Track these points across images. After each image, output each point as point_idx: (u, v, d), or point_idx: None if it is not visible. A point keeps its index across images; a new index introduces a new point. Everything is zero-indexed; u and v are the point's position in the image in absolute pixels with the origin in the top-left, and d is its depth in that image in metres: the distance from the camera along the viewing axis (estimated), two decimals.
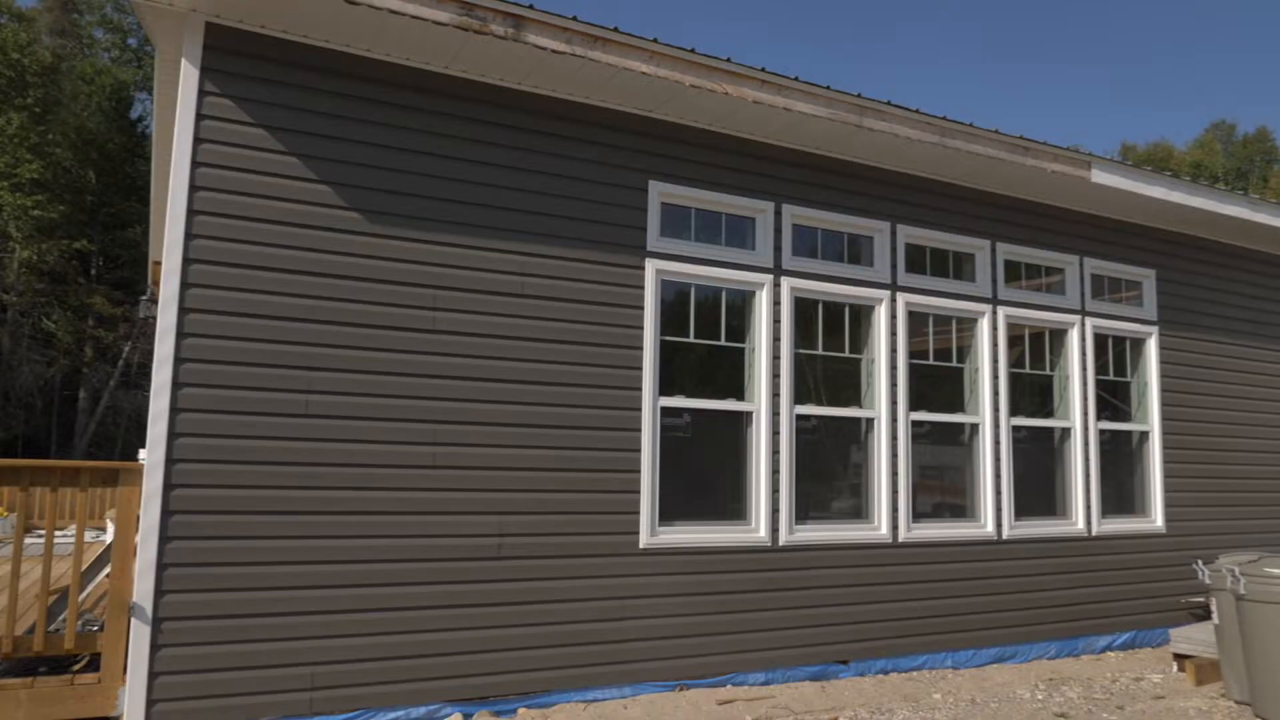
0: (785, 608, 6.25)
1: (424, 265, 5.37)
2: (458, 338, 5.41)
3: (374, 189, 5.28)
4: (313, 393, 5.03)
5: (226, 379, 4.84)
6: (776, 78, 5.90)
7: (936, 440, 7.24)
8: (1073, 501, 7.76)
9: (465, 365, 5.42)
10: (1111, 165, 7.49)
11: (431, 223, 5.41)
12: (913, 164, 7.03)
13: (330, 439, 5.04)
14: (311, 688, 4.86)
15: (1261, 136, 56.29)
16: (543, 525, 5.54)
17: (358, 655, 4.99)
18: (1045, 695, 6.08)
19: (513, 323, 5.58)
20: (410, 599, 5.15)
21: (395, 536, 5.15)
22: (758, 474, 6.32)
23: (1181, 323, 8.59)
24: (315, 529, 4.97)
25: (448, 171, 5.49)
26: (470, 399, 5.41)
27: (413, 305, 5.32)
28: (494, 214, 5.59)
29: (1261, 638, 5.49)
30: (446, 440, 5.32)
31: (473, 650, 5.27)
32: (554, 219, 5.77)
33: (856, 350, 6.94)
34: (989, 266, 7.51)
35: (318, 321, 5.08)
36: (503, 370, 5.52)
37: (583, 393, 5.73)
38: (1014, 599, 7.24)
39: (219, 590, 4.73)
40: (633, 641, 5.71)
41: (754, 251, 6.51)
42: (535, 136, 5.76)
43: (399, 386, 5.24)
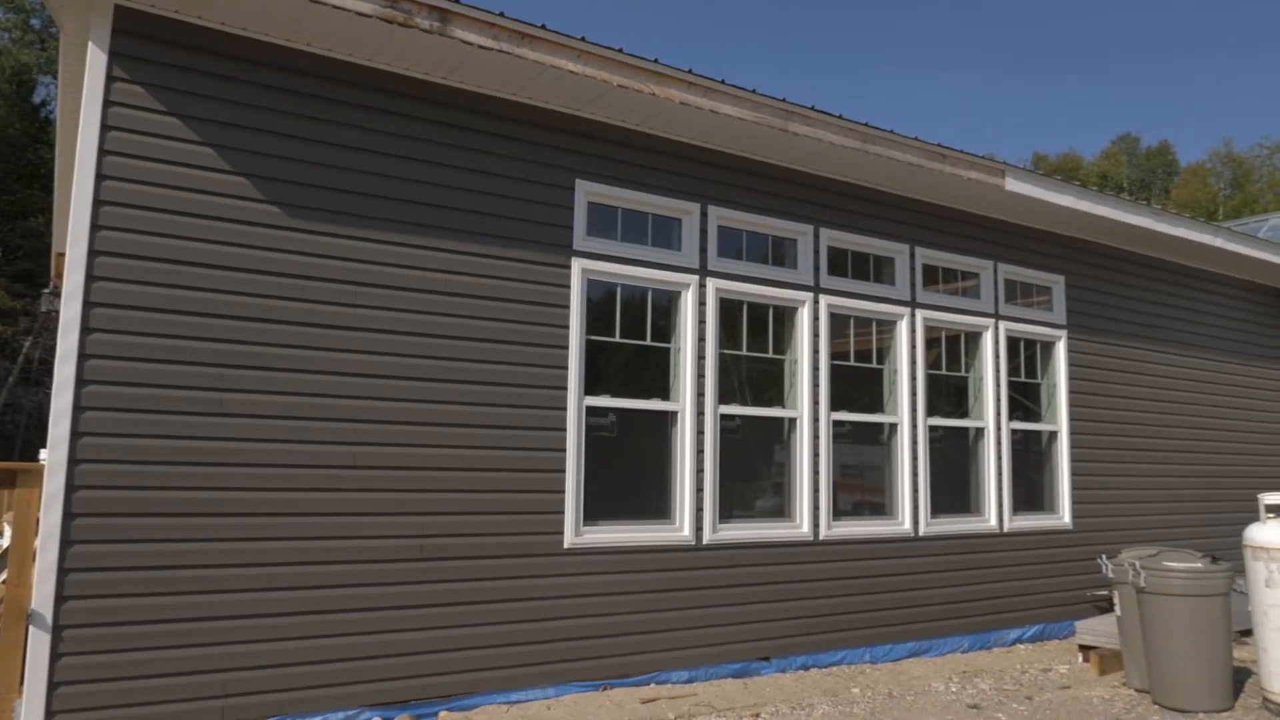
0: (709, 606, 6.30)
1: (346, 261, 5.25)
2: (381, 335, 5.31)
3: (294, 182, 5.15)
4: (228, 391, 4.87)
5: (134, 376, 4.66)
6: (703, 80, 5.95)
7: (857, 440, 7.40)
8: (986, 499, 8.01)
9: (388, 363, 5.32)
10: (1024, 174, 7.75)
11: (354, 218, 5.30)
12: (836, 169, 7.16)
13: (246, 438, 4.90)
14: (224, 695, 4.72)
15: (1163, 150, 58.97)
16: (466, 526, 5.48)
17: (274, 660, 4.86)
18: (959, 687, 6.26)
19: (437, 321, 5.50)
20: (330, 602, 5.04)
21: (314, 539, 5.03)
22: (682, 473, 6.36)
23: (1088, 327, 8.95)
24: (229, 531, 4.82)
25: (371, 166, 5.39)
26: (393, 398, 5.32)
27: (334, 302, 5.20)
28: (419, 210, 5.51)
29: (1159, 628, 5.75)
30: (368, 440, 5.22)
31: (394, 653, 5.18)
32: (480, 216, 5.71)
33: (780, 351, 7.04)
34: (908, 270, 7.70)
35: (233, 318, 4.93)
36: (427, 369, 5.44)
37: (508, 392, 5.69)
38: (930, 594, 7.43)
39: (125, 596, 4.55)
40: (557, 642, 5.69)
41: (680, 252, 6.55)
42: (461, 133, 5.69)
43: (319, 385, 5.12)
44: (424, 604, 5.30)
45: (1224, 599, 5.73)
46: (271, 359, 5.00)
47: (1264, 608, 5.59)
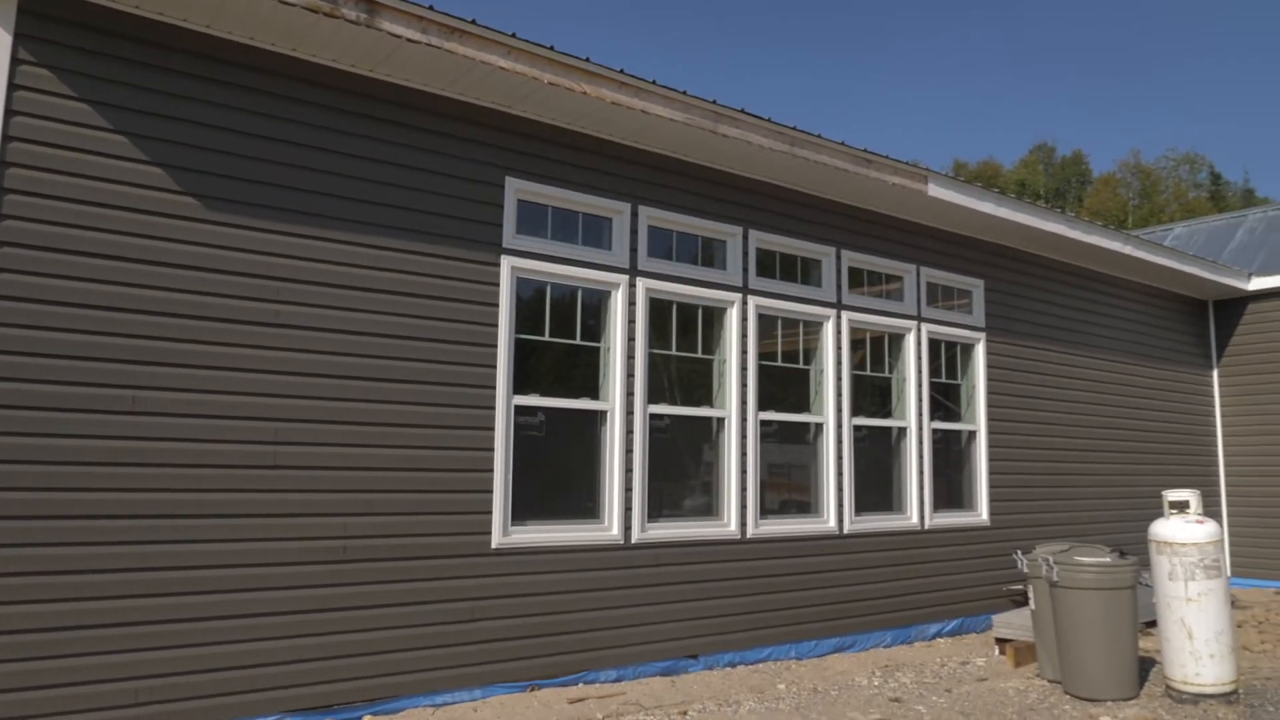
0: (637, 605, 6.32)
1: (267, 256, 5.12)
2: (302, 332, 5.19)
3: (213, 174, 4.99)
4: (140, 388, 4.70)
5: (38, 372, 4.46)
6: (634, 79, 5.96)
7: (784, 439, 7.50)
8: (908, 497, 8.20)
9: (310, 361, 5.20)
10: (946, 180, 7.96)
11: (276, 211, 5.17)
12: (765, 171, 7.25)
13: (161, 438, 4.73)
14: (136, 704, 4.55)
15: (1077, 159, 61.18)
16: (391, 527, 5.39)
17: (191, 667, 4.70)
18: (881, 681, 6.39)
19: (362, 318, 5.40)
20: (249, 605, 4.90)
21: (232, 540, 4.89)
22: (611, 473, 6.36)
23: (1006, 330, 9.23)
24: (142, 534, 4.65)
25: (294, 159, 5.26)
26: (316, 396, 5.20)
27: (254, 298, 5.06)
28: (344, 205, 5.40)
29: (1071, 620, 5.96)
30: (289, 439, 5.10)
31: (316, 657, 5.06)
32: (408, 212, 5.62)
33: (709, 351, 7.10)
34: (834, 273, 7.83)
35: (146, 313, 4.75)
36: (351, 367, 5.33)
37: (435, 391, 5.61)
38: (854, 591, 7.58)
39: (26, 602, 4.35)
40: (484, 643, 5.63)
41: (610, 252, 6.55)
42: (388, 127, 5.60)
43: (238, 383, 4.97)
44: (347, 606, 5.20)
45: (1130, 592, 5.96)
46: (187, 356, 4.84)
47: (1167, 599, 5.84)
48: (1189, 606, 5.72)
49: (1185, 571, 5.75)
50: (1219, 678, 5.66)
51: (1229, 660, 5.69)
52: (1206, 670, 5.66)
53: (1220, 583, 5.75)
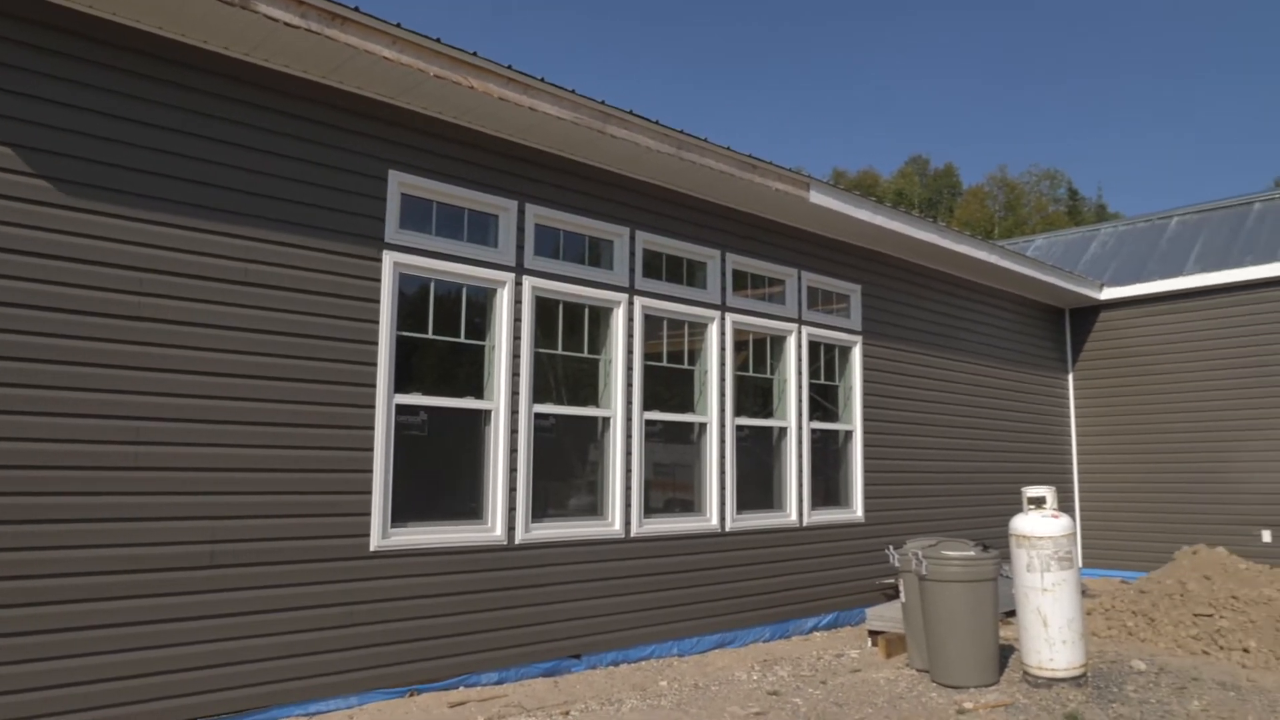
0: (520, 606, 6.27)
1: (129, 245, 4.84)
2: (168, 326, 4.93)
3: (69, 156, 4.69)
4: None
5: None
6: (523, 76, 5.91)
7: (668, 439, 7.58)
8: (788, 495, 8.42)
9: (177, 357, 4.95)
10: (827, 188, 8.21)
11: (141, 198, 4.89)
12: (652, 173, 7.31)
13: (8, 438, 4.41)
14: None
15: (949, 172, 64.08)
16: (262, 530, 5.18)
17: (45, 681, 4.40)
18: (760, 675, 6.54)
19: (234, 312, 5.17)
20: (108, 615, 4.62)
21: (90, 547, 4.60)
22: (495, 472, 6.29)
23: (881, 334, 9.58)
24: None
25: (162, 144, 4.99)
26: (182, 394, 4.95)
27: (114, 289, 4.78)
28: (216, 194, 5.16)
29: (938, 612, 6.24)
30: (152, 439, 4.83)
31: (183, 668, 4.82)
32: (285, 203, 5.42)
33: (595, 351, 7.11)
34: (719, 275, 7.96)
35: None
36: (221, 363, 5.10)
37: (311, 389, 5.43)
38: (735, 587, 7.72)
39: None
40: (362, 648, 5.48)
41: (496, 249, 6.48)
42: (266, 114, 5.38)
43: (96, 379, 4.68)
44: (215, 614, 4.97)
45: (992, 583, 6.29)
46: (39, 350, 4.53)
47: (1025, 590, 6.18)
48: (1045, 596, 6.07)
49: (1041, 563, 6.10)
50: (1070, 662, 6.02)
51: (1079, 646, 6.07)
52: (1059, 656, 6.02)
53: (1073, 573, 6.13)
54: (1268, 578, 8.08)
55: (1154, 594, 8.18)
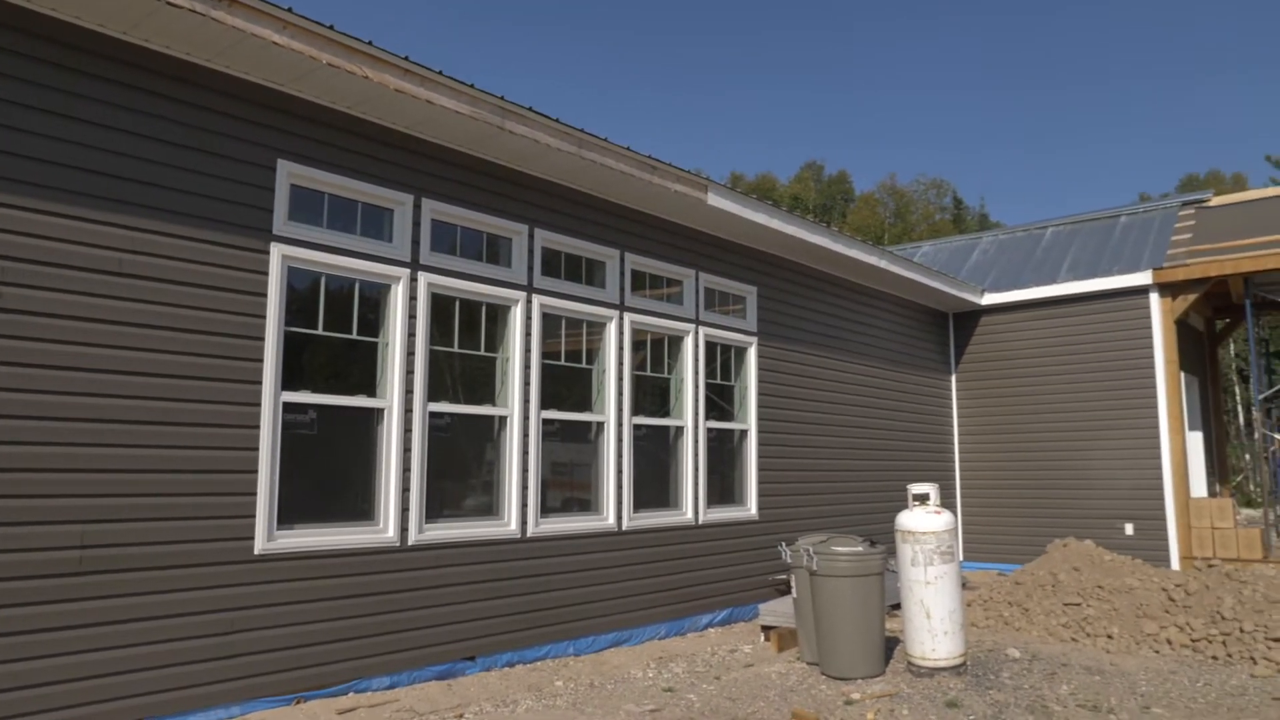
0: (413, 608, 6.15)
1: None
2: (34, 319, 4.64)
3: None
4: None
5: None
6: (420, 68, 5.80)
7: (566, 438, 7.56)
8: (684, 494, 8.51)
9: (43, 351, 4.66)
10: (725, 191, 8.33)
11: (3, 181, 4.58)
12: (552, 171, 7.28)
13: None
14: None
15: (842, 178, 65.89)
16: (138, 534, 4.93)
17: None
18: (655, 673, 6.59)
19: (108, 304, 4.90)
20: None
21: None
22: (388, 472, 6.15)
23: (776, 335, 9.79)
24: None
25: (29, 124, 4.69)
26: (49, 390, 4.66)
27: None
28: (89, 179, 4.88)
29: (828, 606, 6.41)
30: (15, 438, 4.54)
31: (49, 681, 4.53)
32: (165, 191, 5.16)
33: (492, 349, 7.03)
34: (618, 274, 7.99)
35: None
36: (93, 358, 4.82)
37: (193, 386, 5.19)
38: (631, 585, 7.76)
39: None
40: (246, 655, 5.27)
41: (391, 244, 6.33)
42: (147, 97, 5.12)
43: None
44: (85, 623, 4.70)
45: (879, 578, 6.50)
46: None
47: (909, 584, 6.41)
48: (928, 589, 6.30)
49: (925, 558, 6.34)
50: (951, 652, 6.28)
51: (959, 636, 6.33)
52: (941, 646, 6.26)
53: (954, 567, 6.39)
54: (1130, 568, 8.60)
55: (1028, 585, 8.60)
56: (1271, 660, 6.64)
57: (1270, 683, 6.22)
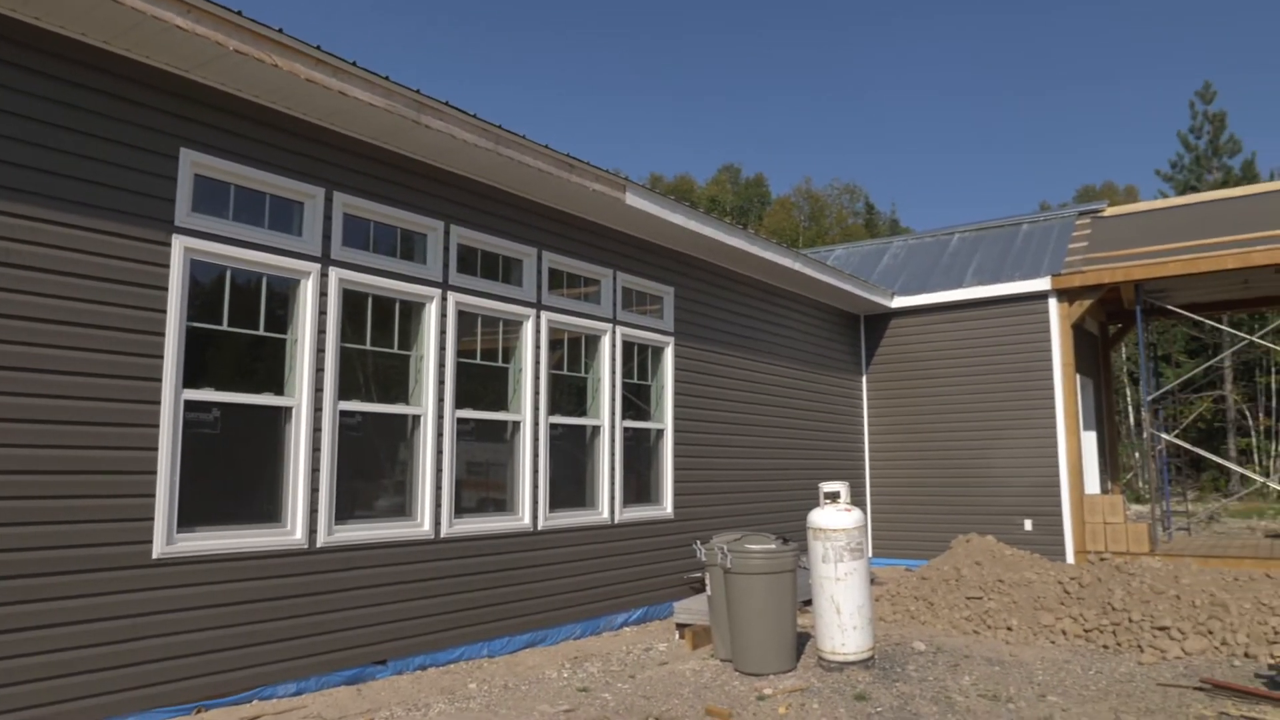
0: (322, 612, 5.99)
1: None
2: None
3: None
4: None
5: None
6: (332, 59, 5.66)
7: (482, 437, 7.48)
8: (600, 493, 8.51)
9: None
10: (643, 191, 8.35)
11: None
12: (469, 167, 7.19)
13: None
14: None
15: (759, 181, 66.85)
16: (26, 538, 4.68)
17: None
18: (570, 673, 6.57)
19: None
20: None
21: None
22: (296, 473, 5.98)
23: (693, 335, 9.87)
24: None
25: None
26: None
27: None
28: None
29: (742, 603, 6.49)
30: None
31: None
32: (58, 179, 4.91)
33: (406, 347, 6.91)
34: (535, 273, 7.94)
35: None
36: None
37: (87, 383, 4.96)
38: (547, 586, 7.72)
39: None
40: (145, 663, 5.06)
41: (301, 238, 6.16)
42: (36, 78, 4.86)
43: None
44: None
45: (791, 575, 6.61)
46: None
47: (820, 580, 6.54)
48: (838, 585, 6.44)
49: (835, 554, 6.47)
50: (860, 646, 6.43)
51: (868, 631, 6.48)
52: (850, 640, 6.40)
53: (863, 563, 6.54)
54: (1028, 562, 8.95)
55: (933, 580, 8.87)
56: (1157, 648, 6.99)
57: (1155, 669, 6.55)
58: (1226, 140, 37.42)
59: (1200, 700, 5.70)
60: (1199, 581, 7.75)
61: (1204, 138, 37.90)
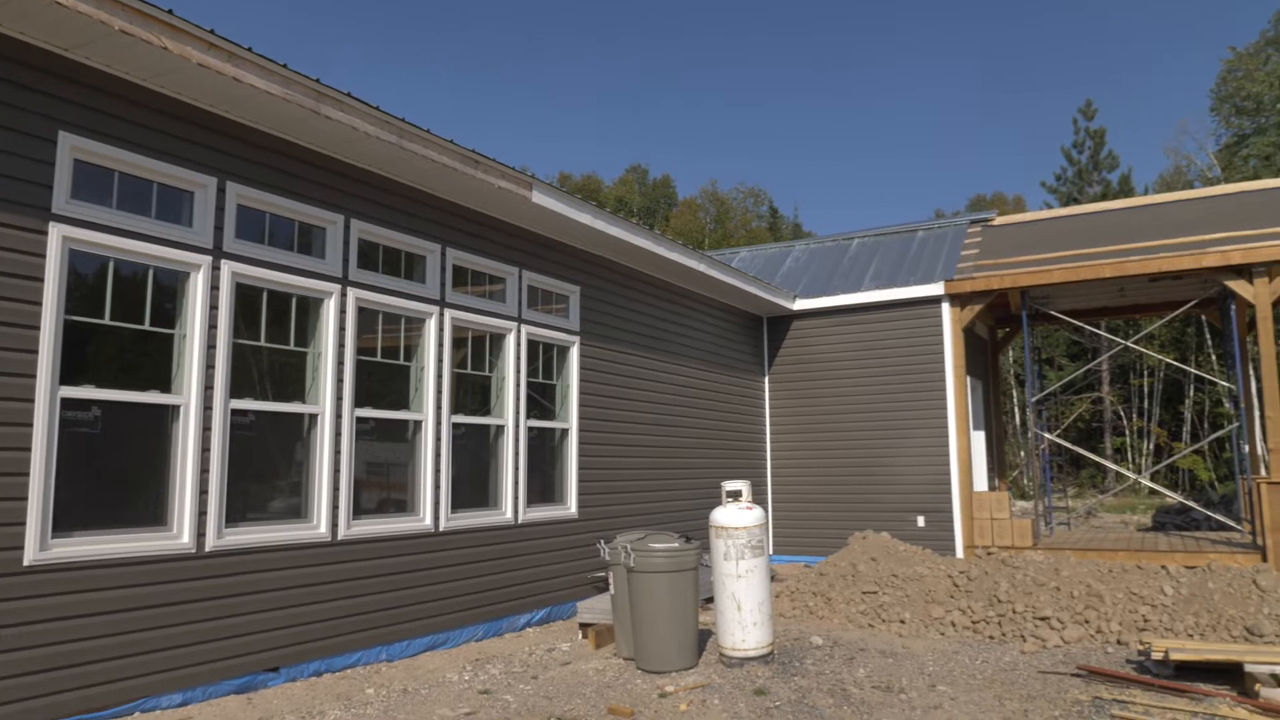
0: (211, 619, 5.76)
1: None
2: None
3: None
4: None
5: None
6: (227, 43, 5.45)
7: (382, 437, 7.31)
8: (504, 493, 8.43)
9: None
10: (550, 189, 8.31)
11: None
12: (371, 160, 7.02)
13: None
14: None
15: (666, 182, 67.32)
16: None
17: None
18: (471, 675, 6.49)
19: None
20: None
21: None
22: (184, 474, 5.74)
23: (598, 335, 9.87)
24: None
25: None
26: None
27: None
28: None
29: (645, 602, 6.53)
30: None
31: None
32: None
33: (303, 344, 6.70)
34: (439, 270, 7.81)
35: None
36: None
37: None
38: (448, 587, 7.61)
39: None
40: (13, 677, 4.77)
41: (192, 229, 5.91)
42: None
43: None
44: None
45: (694, 573, 6.68)
46: None
47: (722, 578, 6.63)
48: (739, 582, 6.54)
49: (737, 552, 6.57)
50: (760, 642, 6.54)
51: (768, 626, 6.61)
52: (750, 636, 6.51)
53: (764, 560, 6.66)
54: (920, 557, 9.27)
55: (831, 576, 9.10)
56: (1039, 637, 7.33)
57: (1036, 658, 6.87)
58: (1106, 156, 39.55)
59: (1077, 686, 6.00)
60: (1077, 573, 8.16)
61: (1086, 153, 39.96)
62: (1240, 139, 35.53)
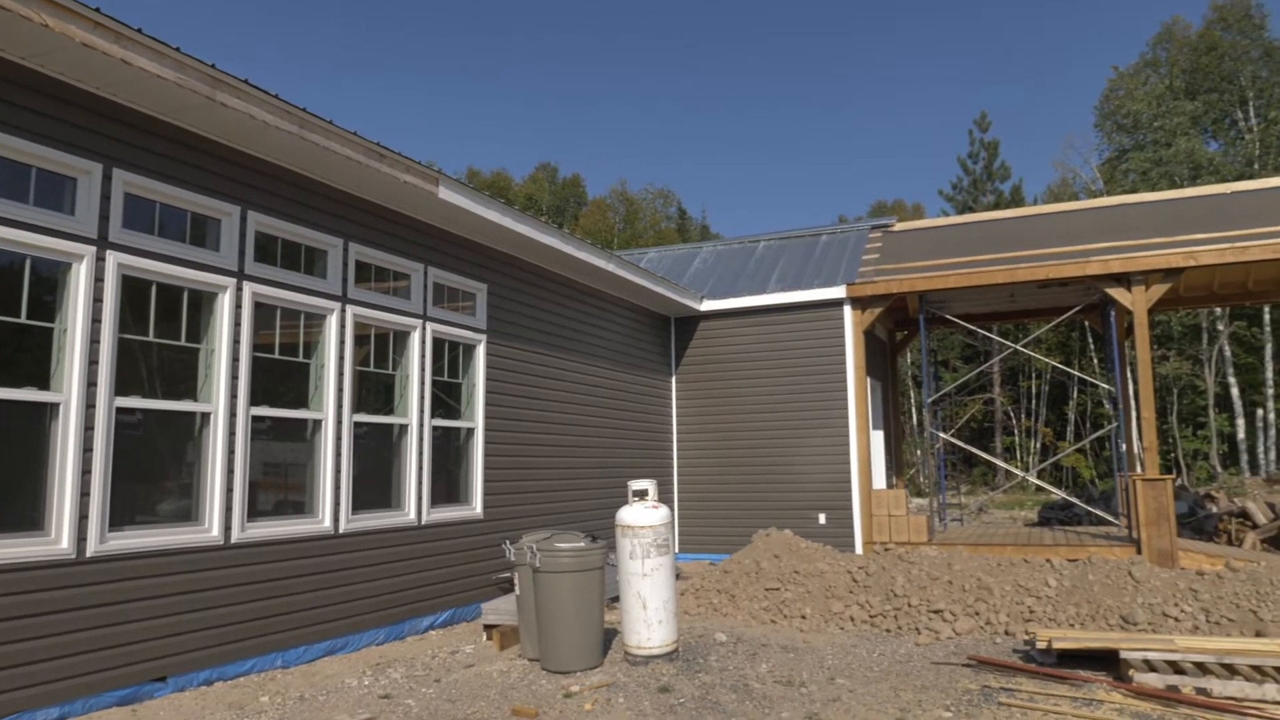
0: (91, 628, 5.48)
1: None
2: None
3: None
4: None
5: None
6: (116, 24, 5.19)
7: (280, 436, 7.09)
8: (407, 494, 8.27)
9: None
10: (457, 185, 8.20)
11: None
12: (271, 151, 6.80)
13: None
14: None
15: (575, 181, 67.17)
16: None
17: None
18: (372, 680, 6.34)
19: None
20: None
21: None
22: (63, 475, 5.44)
23: (506, 333, 9.78)
24: None
25: None
26: None
27: None
28: None
29: (550, 602, 6.50)
30: None
31: None
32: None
33: (196, 339, 6.44)
34: (341, 265, 7.61)
35: None
36: None
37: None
38: (349, 590, 7.42)
39: None
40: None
41: (74, 218, 5.61)
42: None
43: None
44: None
45: (600, 572, 6.68)
46: None
47: (628, 576, 6.65)
48: (645, 581, 6.57)
49: (642, 550, 6.60)
50: (664, 640, 6.59)
51: (672, 624, 6.66)
52: (655, 634, 6.55)
53: (669, 559, 6.71)
54: (821, 554, 9.49)
55: (735, 573, 9.23)
56: (932, 630, 7.59)
57: (930, 649, 7.11)
58: (999, 166, 41.27)
59: (967, 676, 6.24)
60: (968, 568, 8.48)
61: (980, 163, 41.61)
62: (1121, 154, 37.57)
